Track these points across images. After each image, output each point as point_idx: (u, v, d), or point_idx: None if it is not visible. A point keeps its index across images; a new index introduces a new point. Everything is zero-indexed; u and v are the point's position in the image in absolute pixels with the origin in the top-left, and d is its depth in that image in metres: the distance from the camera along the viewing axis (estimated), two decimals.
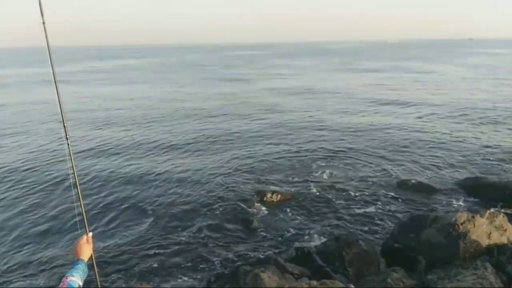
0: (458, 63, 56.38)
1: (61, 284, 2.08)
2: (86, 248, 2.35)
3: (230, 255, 7.11)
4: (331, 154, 12.95)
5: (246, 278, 5.22)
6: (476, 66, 49.01)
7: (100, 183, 10.70)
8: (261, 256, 6.81)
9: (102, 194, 10.00)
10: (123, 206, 9.31)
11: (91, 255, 2.42)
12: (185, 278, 6.50)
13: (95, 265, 2.55)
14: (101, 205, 9.39)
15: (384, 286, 4.92)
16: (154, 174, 11.38)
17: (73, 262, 2.26)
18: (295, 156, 12.85)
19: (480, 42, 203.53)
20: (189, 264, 6.90)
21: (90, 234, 2.46)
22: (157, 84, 35.84)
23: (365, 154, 12.92)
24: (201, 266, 6.84)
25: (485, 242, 5.72)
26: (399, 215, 8.38)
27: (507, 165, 11.48)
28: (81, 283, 2.12)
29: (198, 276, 6.53)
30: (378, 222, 8.29)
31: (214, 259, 7.02)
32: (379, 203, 9.21)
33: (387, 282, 4.97)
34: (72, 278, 2.11)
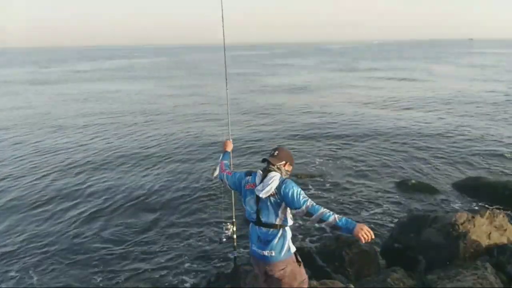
0: (458, 63, 56.35)
1: (220, 164, 4.04)
2: (230, 145, 4.33)
3: (230, 255, 7.11)
4: (331, 154, 12.95)
5: (246, 278, 5.21)
6: (478, 67, 48.99)
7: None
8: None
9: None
10: (120, 202, 9.33)
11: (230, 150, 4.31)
12: (185, 278, 6.50)
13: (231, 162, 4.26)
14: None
15: (384, 286, 4.92)
16: (151, 172, 11.39)
17: (224, 153, 4.23)
18: (295, 155, 12.82)
19: (481, 42, 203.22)
20: (189, 264, 6.89)
21: (231, 140, 4.41)
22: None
23: (365, 153, 12.92)
24: (201, 266, 6.84)
25: (485, 242, 5.72)
26: (399, 215, 8.37)
27: (507, 165, 11.47)
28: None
29: (198, 276, 6.52)
30: (378, 222, 8.29)
31: (214, 259, 7.02)
32: (379, 203, 9.21)
33: (387, 282, 4.97)
34: (225, 161, 4.07)
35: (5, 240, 7.86)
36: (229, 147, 4.31)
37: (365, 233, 3.00)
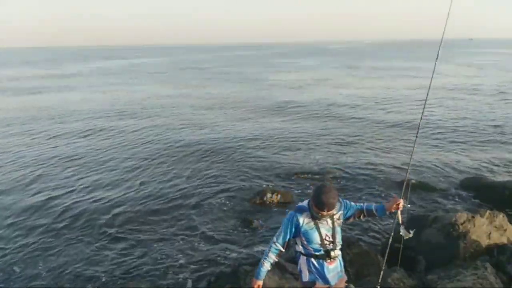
0: (459, 62, 56.40)
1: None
2: (390, 205, 3.76)
3: (230, 255, 7.11)
4: (331, 154, 12.95)
5: (246, 278, 5.22)
6: (479, 67, 49.03)
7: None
8: (261, 256, 6.79)
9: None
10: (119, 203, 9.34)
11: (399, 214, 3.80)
12: (185, 278, 6.50)
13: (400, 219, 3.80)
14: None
15: (384, 286, 4.92)
16: (151, 174, 11.40)
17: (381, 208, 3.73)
18: (296, 155, 12.85)
19: (481, 42, 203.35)
20: (189, 264, 6.89)
21: (402, 201, 3.73)
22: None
23: (365, 153, 12.92)
24: (201, 266, 6.84)
25: (485, 242, 5.73)
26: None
27: (508, 165, 11.47)
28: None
29: (198, 276, 6.52)
30: (378, 222, 8.28)
31: (214, 259, 7.02)
32: (379, 203, 9.20)
33: (387, 282, 4.97)
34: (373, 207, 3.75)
35: (7, 237, 7.88)
36: (389, 206, 3.74)
37: None
